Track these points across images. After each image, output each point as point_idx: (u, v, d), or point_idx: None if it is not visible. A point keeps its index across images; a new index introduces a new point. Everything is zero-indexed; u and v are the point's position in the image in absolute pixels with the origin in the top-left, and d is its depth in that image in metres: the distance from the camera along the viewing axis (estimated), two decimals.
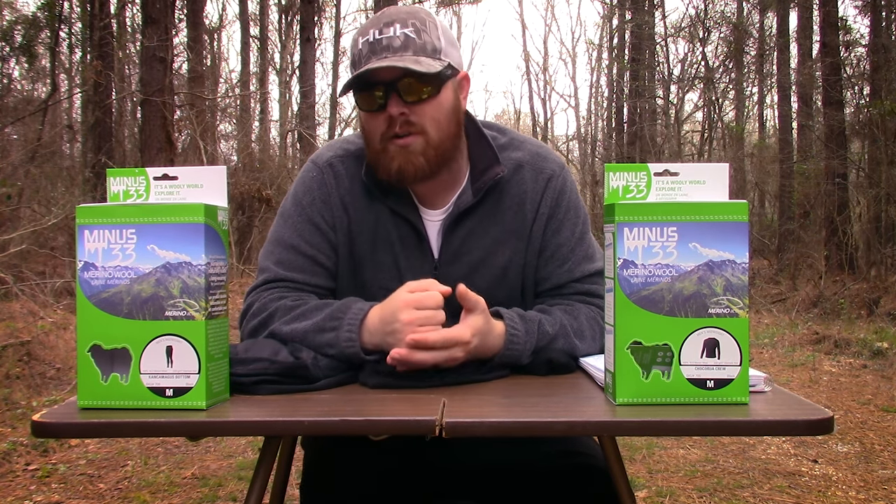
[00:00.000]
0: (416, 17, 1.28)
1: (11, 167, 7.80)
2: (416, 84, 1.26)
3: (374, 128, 1.30)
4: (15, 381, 4.25)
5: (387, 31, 1.26)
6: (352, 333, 1.19)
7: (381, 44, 1.26)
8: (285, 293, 1.34)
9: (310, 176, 1.42)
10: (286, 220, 1.40)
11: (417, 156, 1.28)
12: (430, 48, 1.27)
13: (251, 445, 3.55)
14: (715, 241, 0.98)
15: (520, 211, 1.39)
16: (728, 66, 16.73)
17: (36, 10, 10.92)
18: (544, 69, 25.70)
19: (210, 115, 10.49)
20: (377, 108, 1.28)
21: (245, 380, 1.08)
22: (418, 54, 1.26)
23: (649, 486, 3.04)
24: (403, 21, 1.27)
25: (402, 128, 1.27)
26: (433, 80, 1.27)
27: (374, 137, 1.31)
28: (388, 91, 1.26)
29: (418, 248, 1.38)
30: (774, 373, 5.34)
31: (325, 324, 1.21)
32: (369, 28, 1.28)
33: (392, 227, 1.37)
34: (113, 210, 0.99)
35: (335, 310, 1.23)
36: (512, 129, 1.50)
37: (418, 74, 1.24)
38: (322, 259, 1.38)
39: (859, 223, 10.72)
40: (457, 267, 1.37)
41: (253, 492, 1.06)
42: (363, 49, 1.27)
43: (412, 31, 1.26)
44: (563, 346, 1.27)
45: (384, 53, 1.25)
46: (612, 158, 17.62)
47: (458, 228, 1.38)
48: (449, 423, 0.91)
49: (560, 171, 1.43)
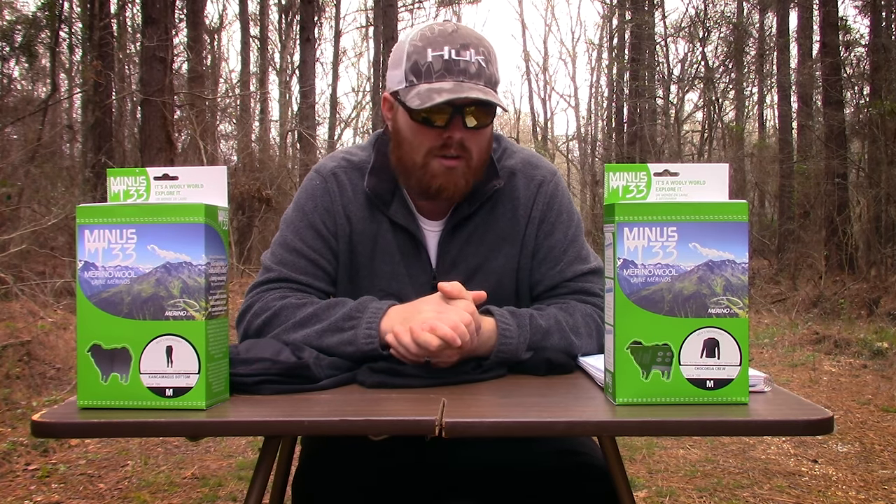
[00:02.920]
0: (485, 45, 1.31)
1: (11, 167, 7.79)
2: (481, 113, 1.29)
3: (423, 142, 1.31)
4: (15, 381, 4.25)
5: (464, 55, 1.27)
6: (371, 330, 1.20)
7: (458, 66, 1.27)
8: (288, 293, 1.34)
9: (313, 185, 1.44)
10: (288, 225, 1.43)
11: (460, 178, 1.32)
12: (494, 80, 1.31)
13: (251, 445, 3.55)
14: (715, 241, 0.98)
15: (513, 217, 1.42)
16: (728, 66, 16.73)
17: (36, 10, 10.92)
18: (544, 69, 25.74)
19: (210, 115, 10.49)
20: (438, 126, 1.29)
21: (247, 380, 1.08)
22: (487, 84, 1.28)
23: (649, 486, 3.04)
24: (476, 47, 1.29)
25: (455, 150, 1.30)
26: (493, 111, 1.31)
27: (419, 150, 1.31)
28: (454, 113, 1.27)
29: (417, 258, 1.41)
30: (774, 373, 5.34)
31: (343, 323, 1.23)
32: (443, 44, 1.28)
33: (392, 237, 1.40)
34: (113, 210, 0.99)
35: (352, 309, 1.24)
36: (505, 137, 1.53)
37: (487, 104, 1.28)
38: (323, 263, 1.40)
39: (859, 223, 10.72)
40: (454, 275, 1.39)
41: (253, 492, 1.06)
42: (434, 63, 1.27)
43: (483, 59, 1.29)
44: (559, 341, 1.28)
45: (461, 77, 1.26)
46: (612, 158, 17.62)
47: (455, 237, 1.41)
48: (449, 423, 0.91)
49: (551, 176, 1.46)
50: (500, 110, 1.31)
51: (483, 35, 1.35)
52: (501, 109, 1.30)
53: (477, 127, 1.30)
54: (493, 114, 1.32)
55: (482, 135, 1.32)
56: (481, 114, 1.29)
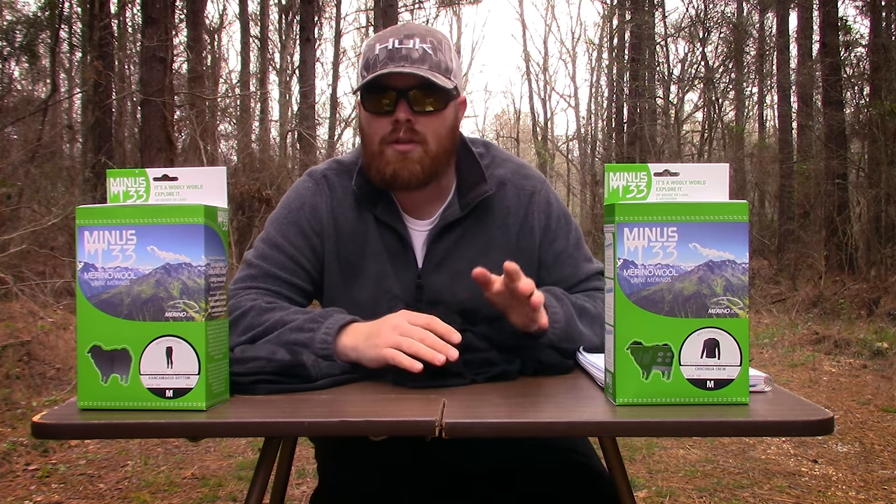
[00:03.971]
0: (434, 35, 1.34)
1: (11, 167, 7.78)
2: (426, 96, 1.31)
3: (376, 130, 1.34)
4: (15, 381, 4.25)
5: (407, 43, 1.30)
6: (328, 336, 1.19)
7: (399, 53, 1.30)
8: (262, 295, 1.36)
9: (304, 186, 1.47)
10: (272, 222, 1.46)
11: (414, 163, 1.33)
12: (443, 66, 1.32)
13: (251, 445, 3.55)
14: (715, 241, 0.98)
15: (503, 226, 1.44)
16: (728, 66, 16.73)
17: (37, 10, 10.91)
18: (544, 69, 25.73)
19: (210, 115, 10.47)
20: (384, 112, 1.32)
21: (242, 379, 1.08)
22: (433, 70, 1.31)
23: (649, 486, 3.04)
24: (423, 37, 1.32)
25: (405, 133, 1.32)
26: (443, 95, 1.33)
27: (374, 139, 1.34)
28: (398, 97, 1.30)
29: (403, 257, 1.42)
30: (774, 373, 5.34)
31: (305, 324, 1.23)
32: (389, 37, 1.32)
33: (378, 236, 1.42)
34: (113, 211, 0.99)
35: (317, 314, 1.26)
36: (494, 145, 1.55)
37: (431, 86, 1.30)
38: (303, 261, 1.42)
39: (859, 223, 10.71)
40: (439, 276, 1.40)
41: (253, 492, 1.06)
42: (380, 55, 1.31)
43: (430, 47, 1.31)
44: (591, 321, 1.32)
45: (402, 63, 1.29)
46: (612, 158, 17.62)
47: (443, 240, 1.42)
48: (449, 423, 0.91)
49: (541, 185, 1.49)
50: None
51: (437, 29, 1.38)
52: (444, 85, 1.30)
53: (425, 111, 1.31)
54: (444, 98, 1.33)
55: (436, 120, 1.33)
56: (427, 97, 1.31)
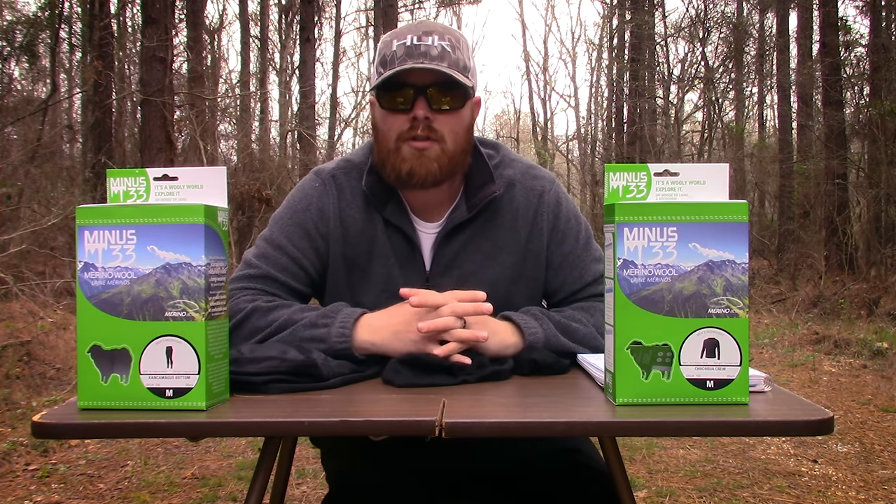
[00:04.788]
0: (452, 33, 1.32)
1: (11, 167, 7.78)
2: (444, 94, 1.30)
3: (393, 127, 1.32)
4: (15, 381, 4.25)
5: (425, 40, 1.29)
6: (345, 329, 1.20)
7: (418, 49, 1.28)
8: (260, 295, 1.33)
9: (311, 185, 1.44)
10: (277, 221, 1.42)
11: (431, 161, 1.31)
12: (461, 64, 1.31)
13: (251, 445, 3.55)
14: (715, 241, 0.98)
15: (512, 227, 1.42)
16: (728, 66, 16.73)
17: (36, 10, 10.91)
18: (544, 69, 25.71)
19: (210, 115, 10.47)
20: (401, 109, 1.30)
21: (256, 379, 1.08)
22: (452, 67, 1.29)
23: (649, 486, 3.04)
24: (441, 34, 1.30)
25: (422, 131, 1.30)
26: (461, 93, 1.31)
27: (390, 136, 1.32)
28: (416, 94, 1.29)
29: (411, 259, 1.40)
30: (774, 373, 5.34)
31: (318, 320, 1.23)
32: (407, 33, 1.30)
33: (387, 238, 1.40)
34: (113, 211, 0.99)
35: (327, 310, 1.25)
36: (504, 146, 1.53)
37: (449, 84, 1.28)
38: (305, 263, 1.39)
39: (859, 223, 10.71)
40: (447, 279, 1.39)
41: (253, 492, 1.06)
42: (398, 51, 1.29)
43: (448, 44, 1.30)
44: (583, 328, 1.31)
45: (421, 59, 1.27)
46: (612, 158, 17.62)
47: (452, 242, 1.40)
48: (449, 423, 0.91)
49: (551, 185, 1.46)
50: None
51: (455, 29, 1.37)
52: (463, 82, 1.29)
53: (444, 109, 1.30)
54: (462, 96, 1.32)
55: (454, 118, 1.32)
56: (445, 94, 1.30)
